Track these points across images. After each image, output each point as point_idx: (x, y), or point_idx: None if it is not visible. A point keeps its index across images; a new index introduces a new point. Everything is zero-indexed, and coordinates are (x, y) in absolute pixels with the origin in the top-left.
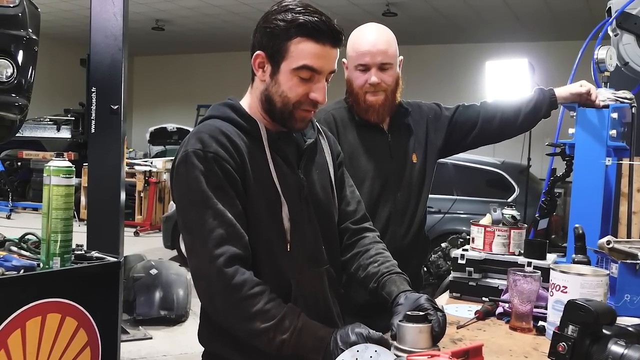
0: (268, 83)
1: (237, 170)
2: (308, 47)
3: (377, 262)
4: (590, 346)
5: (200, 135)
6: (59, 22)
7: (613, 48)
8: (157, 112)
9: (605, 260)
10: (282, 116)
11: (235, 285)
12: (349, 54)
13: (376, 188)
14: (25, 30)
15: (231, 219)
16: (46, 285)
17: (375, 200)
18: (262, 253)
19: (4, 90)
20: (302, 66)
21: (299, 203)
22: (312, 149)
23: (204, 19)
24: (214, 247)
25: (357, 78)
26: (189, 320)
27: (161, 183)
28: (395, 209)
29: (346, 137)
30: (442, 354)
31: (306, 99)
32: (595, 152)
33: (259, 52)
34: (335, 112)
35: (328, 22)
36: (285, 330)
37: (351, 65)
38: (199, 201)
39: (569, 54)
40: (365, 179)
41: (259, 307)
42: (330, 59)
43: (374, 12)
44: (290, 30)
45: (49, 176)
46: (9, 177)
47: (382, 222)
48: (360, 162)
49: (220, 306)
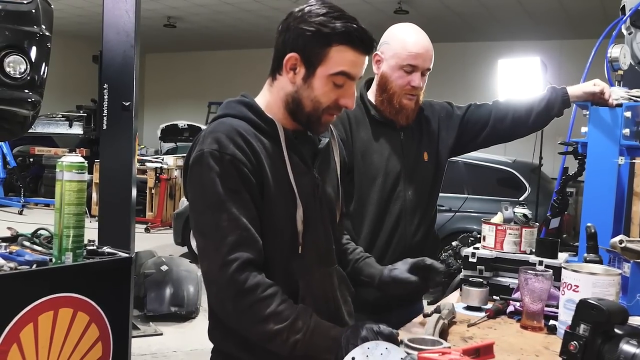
0: (299, 86)
1: (253, 173)
2: (348, 54)
3: (348, 250)
4: (602, 345)
5: (216, 135)
6: (72, 19)
7: (627, 46)
8: (168, 109)
9: (617, 260)
10: (309, 119)
11: (247, 290)
12: (397, 51)
13: (388, 185)
14: (38, 26)
15: (246, 223)
16: (58, 280)
17: (387, 198)
18: (274, 254)
19: (17, 86)
20: (339, 72)
21: (313, 203)
22: (326, 150)
23: (216, 16)
24: (227, 252)
25: (399, 78)
26: (199, 316)
27: (172, 180)
28: (405, 206)
29: (359, 134)
30: (453, 351)
31: (335, 105)
32: (608, 151)
33: (293, 54)
34: (348, 110)
35: (366, 31)
36: (299, 330)
37: (396, 63)
38: (213, 204)
39: (582, 52)
40: (377, 175)
41: (271, 309)
42: (362, 66)
43: (386, 10)
44: (332, 36)
45: (61, 172)
46: (21, 173)
47: (393, 219)
48: (373, 159)
49: (232, 311)
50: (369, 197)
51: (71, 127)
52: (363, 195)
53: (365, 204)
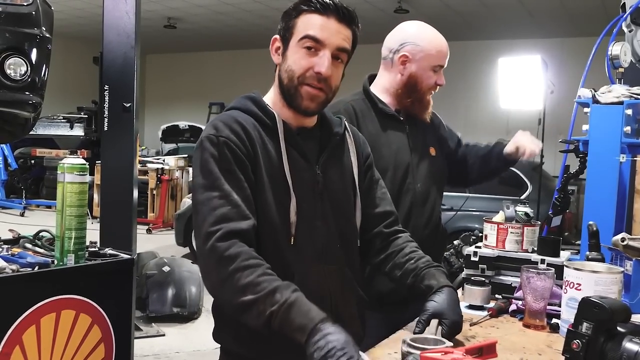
0: (280, 63)
1: (247, 157)
2: (312, 18)
3: (413, 259)
4: (605, 344)
5: (215, 122)
6: (72, 20)
7: (627, 44)
8: (169, 109)
9: (619, 258)
10: (289, 94)
11: (228, 257)
12: (429, 52)
13: (398, 178)
14: (38, 28)
15: (237, 200)
16: (60, 282)
17: (397, 190)
18: (267, 242)
19: (18, 88)
20: (305, 36)
21: (312, 198)
22: (335, 147)
23: (216, 16)
24: (211, 224)
25: (429, 77)
26: (201, 317)
27: (173, 180)
28: (416, 199)
29: (366, 128)
30: (455, 350)
31: (311, 74)
32: (610, 148)
33: (275, 36)
34: (354, 103)
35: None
36: (275, 302)
37: (427, 63)
38: (207, 182)
39: (582, 50)
40: (388, 168)
41: (250, 279)
42: (335, 33)
43: (386, 9)
44: (298, 7)
45: (63, 173)
46: (23, 174)
47: (404, 212)
48: (382, 152)
49: (216, 281)
50: None
51: (72, 128)
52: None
53: None
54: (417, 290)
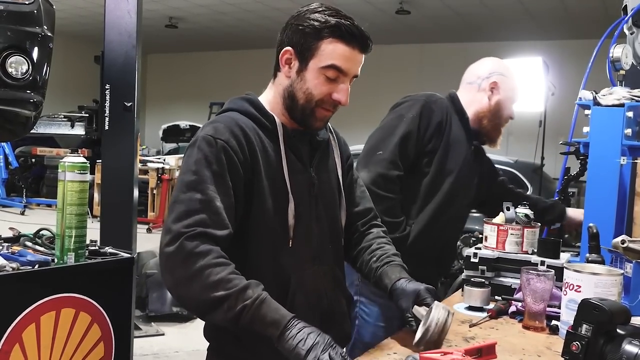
0: (293, 79)
1: (243, 165)
2: (339, 48)
3: (375, 256)
4: (604, 346)
5: (216, 124)
6: (74, 19)
7: (629, 46)
8: (170, 109)
9: (619, 260)
10: (303, 113)
11: (198, 253)
12: (514, 87)
13: (456, 184)
14: (40, 27)
15: (219, 207)
16: (60, 280)
17: (451, 194)
18: (265, 248)
19: (19, 86)
20: (330, 65)
21: (308, 201)
22: (324, 149)
23: (218, 16)
24: (185, 226)
25: (510, 109)
26: None
27: (174, 180)
28: (454, 214)
29: (452, 128)
30: (455, 351)
31: (329, 99)
32: (610, 151)
33: (288, 48)
34: (448, 104)
35: (359, 27)
36: (247, 298)
37: (513, 96)
38: (193, 182)
39: (584, 52)
40: (453, 172)
41: (222, 276)
42: (356, 63)
43: (387, 10)
44: (324, 30)
45: (63, 172)
46: (23, 173)
47: (447, 218)
48: (454, 155)
49: (180, 277)
50: (439, 188)
51: (73, 127)
52: (433, 183)
53: (433, 192)
54: (381, 289)
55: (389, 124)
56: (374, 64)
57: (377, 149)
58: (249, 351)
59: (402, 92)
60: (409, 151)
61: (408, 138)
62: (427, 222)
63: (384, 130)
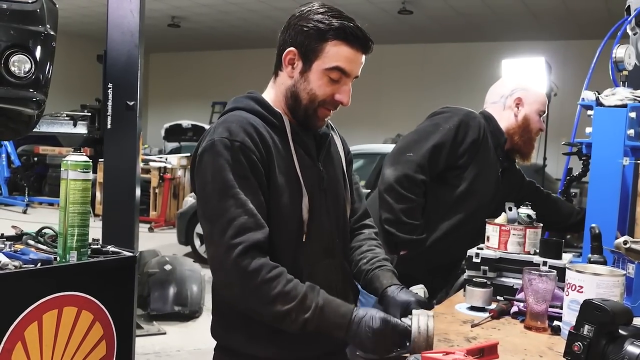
0: (296, 80)
1: (261, 162)
2: (343, 50)
3: (365, 259)
4: (606, 346)
5: (228, 124)
6: (77, 18)
7: (632, 47)
8: (172, 108)
9: (621, 261)
10: (305, 113)
11: (252, 272)
12: (539, 99)
13: (481, 203)
14: (43, 26)
15: (252, 209)
16: (63, 278)
17: (473, 213)
18: (281, 243)
19: (22, 85)
20: (334, 67)
21: (318, 195)
22: (328, 144)
23: (220, 16)
24: (232, 236)
25: (538, 122)
26: (202, 316)
27: (176, 179)
28: (475, 232)
29: (486, 147)
30: (457, 351)
31: (331, 99)
32: (613, 151)
33: (292, 48)
34: (484, 123)
35: (362, 29)
36: (307, 309)
37: (538, 108)
38: (222, 189)
39: (586, 52)
40: (478, 191)
41: (278, 290)
42: (359, 64)
43: (390, 10)
44: (328, 32)
45: (66, 170)
46: (26, 172)
47: (469, 236)
48: (482, 179)
49: (239, 294)
50: (464, 205)
51: (75, 126)
52: (460, 199)
53: (458, 207)
54: (370, 291)
55: (424, 129)
56: (376, 63)
57: (408, 150)
58: (259, 348)
59: (404, 92)
60: (440, 161)
61: (441, 148)
62: (446, 232)
63: (419, 134)
